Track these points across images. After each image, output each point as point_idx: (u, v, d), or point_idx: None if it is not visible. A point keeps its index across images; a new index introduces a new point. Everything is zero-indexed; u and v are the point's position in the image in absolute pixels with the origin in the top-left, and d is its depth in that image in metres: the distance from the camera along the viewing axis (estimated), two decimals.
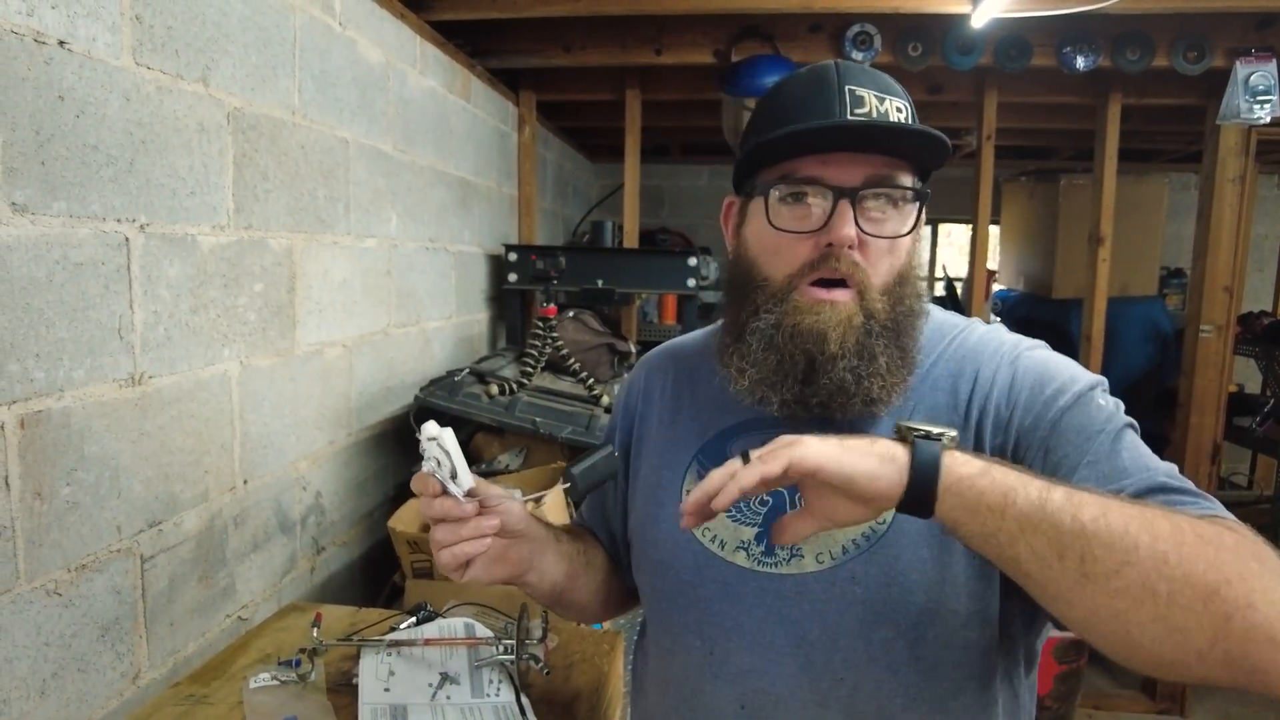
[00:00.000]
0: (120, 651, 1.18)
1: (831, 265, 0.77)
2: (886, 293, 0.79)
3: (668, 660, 0.87)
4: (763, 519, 0.82)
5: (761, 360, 0.81)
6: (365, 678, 1.13)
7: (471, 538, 0.78)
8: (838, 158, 0.77)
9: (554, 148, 4.01)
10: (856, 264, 0.78)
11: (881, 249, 0.79)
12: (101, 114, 1.11)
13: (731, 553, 0.83)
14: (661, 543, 0.88)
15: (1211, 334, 2.85)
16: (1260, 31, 2.42)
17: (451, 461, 0.77)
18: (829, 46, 2.57)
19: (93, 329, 1.11)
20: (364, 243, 1.91)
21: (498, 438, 2.00)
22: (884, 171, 0.78)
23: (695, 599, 0.83)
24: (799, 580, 0.79)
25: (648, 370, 1.03)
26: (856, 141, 0.78)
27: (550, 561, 0.89)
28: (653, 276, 2.79)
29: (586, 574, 0.97)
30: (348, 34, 1.80)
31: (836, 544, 0.79)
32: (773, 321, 0.80)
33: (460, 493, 0.78)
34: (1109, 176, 2.95)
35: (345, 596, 1.87)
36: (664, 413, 0.96)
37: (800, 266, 0.79)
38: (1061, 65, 2.52)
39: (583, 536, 1.03)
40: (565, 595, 0.95)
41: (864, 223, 0.77)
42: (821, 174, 0.78)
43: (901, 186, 0.79)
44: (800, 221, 0.79)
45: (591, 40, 2.69)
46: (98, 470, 1.13)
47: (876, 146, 0.78)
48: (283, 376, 1.60)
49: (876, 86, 0.80)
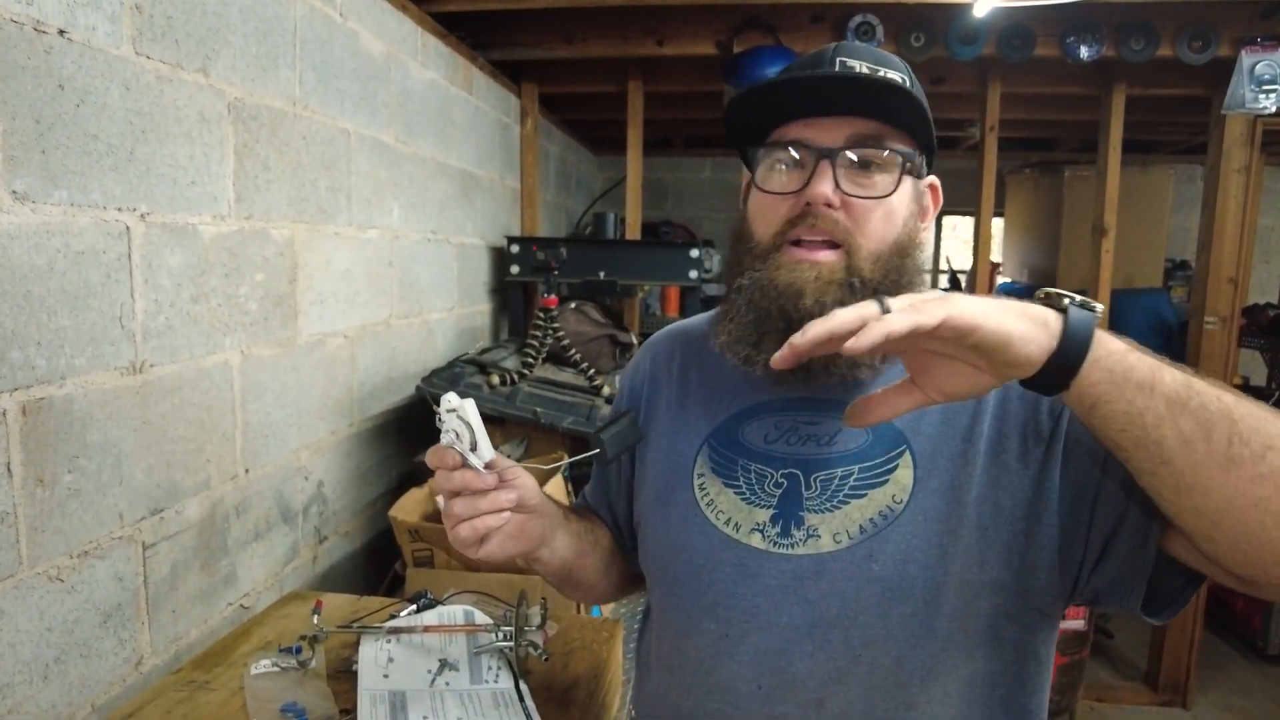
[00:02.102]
0: (123, 638, 1.19)
1: (809, 223, 0.78)
2: (878, 260, 0.79)
3: (680, 643, 0.86)
4: (777, 501, 0.82)
5: (741, 317, 0.81)
6: (365, 664, 1.14)
7: (490, 511, 0.77)
8: (822, 121, 0.79)
9: (557, 140, 4.01)
10: (838, 222, 0.78)
11: (870, 212, 0.79)
12: (102, 103, 1.11)
13: (747, 535, 0.82)
14: (674, 526, 0.87)
15: (1216, 326, 2.84)
16: (1266, 20, 2.41)
17: (473, 433, 0.76)
18: (831, 37, 2.56)
19: (94, 317, 1.12)
20: (366, 234, 1.91)
21: (499, 428, 2.00)
22: (868, 133, 0.79)
23: (710, 582, 0.83)
24: (817, 560, 0.79)
25: (653, 353, 1.02)
26: (841, 104, 0.79)
27: (561, 539, 0.89)
28: (655, 268, 2.79)
29: (594, 553, 0.97)
30: (349, 25, 1.80)
31: (854, 523, 0.79)
32: (755, 279, 0.80)
33: (480, 464, 0.77)
34: (1113, 168, 2.94)
35: (348, 585, 1.88)
36: (672, 396, 0.95)
37: (782, 225, 0.80)
38: (1065, 55, 2.50)
39: (588, 516, 1.03)
40: (574, 574, 0.95)
41: (847, 184, 0.78)
42: (804, 135, 0.79)
43: (884, 146, 0.79)
44: (783, 183, 0.81)
45: (593, 31, 2.69)
46: (100, 457, 1.14)
47: (862, 110, 0.78)
48: (284, 366, 1.60)
49: (872, 59, 0.81)
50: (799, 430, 0.85)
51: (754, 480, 0.84)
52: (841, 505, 0.80)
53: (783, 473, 0.83)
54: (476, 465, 0.77)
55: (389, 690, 1.09)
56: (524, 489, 0.81)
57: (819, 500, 0.81)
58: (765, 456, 0.85)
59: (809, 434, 0.85)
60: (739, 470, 0.86)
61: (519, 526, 0.82)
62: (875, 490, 0.80)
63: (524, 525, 0.82)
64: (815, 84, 0.78)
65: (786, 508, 0.82)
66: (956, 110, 3.31)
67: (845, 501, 0.81)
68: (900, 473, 0.80)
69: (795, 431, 0.85)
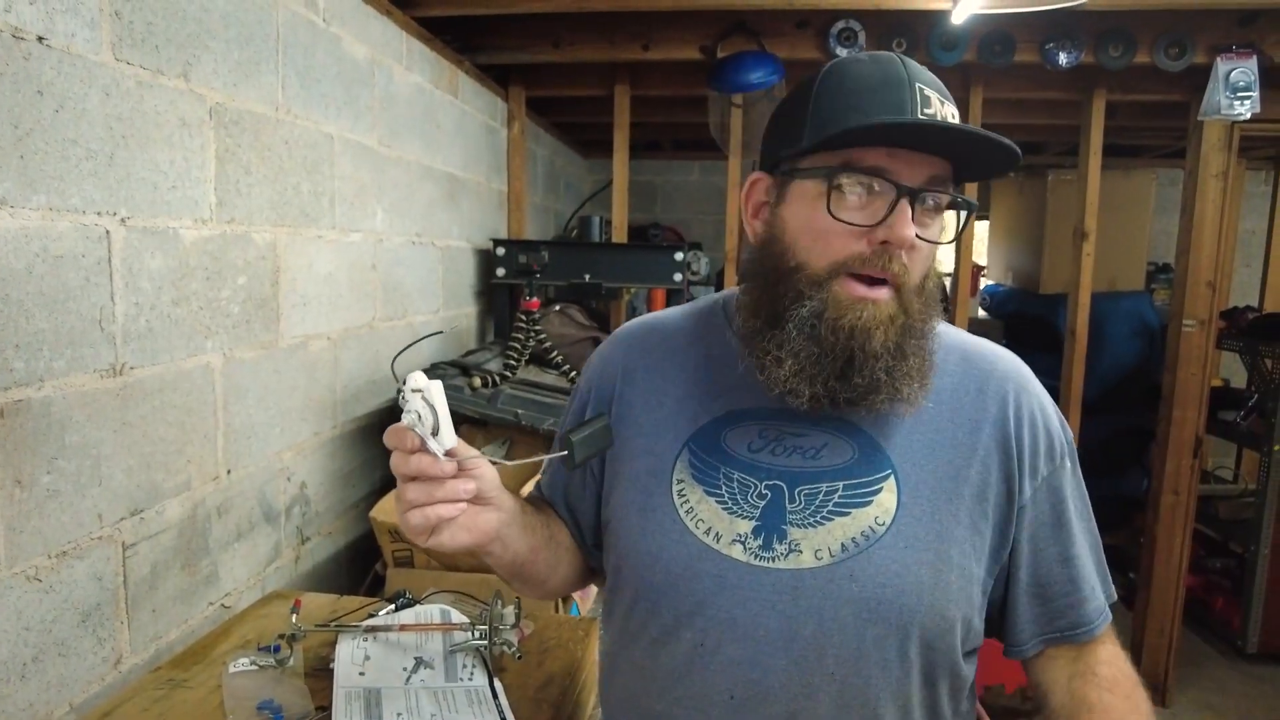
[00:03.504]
0: (101, 637, 1.21)
1: (882, 264, 0.76)
2: (919, 294, 0.80)
3: (655, 649, 0.86)
4: (760, 512, 0.82)
5: (802, 349, 0.78)
6: (341, 662, 1.16)
7: (445, 500, 0.74)
8: (904, 154, 0.76)
9: (545, 143, 4.03)
10: (905, 265, 0.77)
11: (924, 252, 0.79)
12: (81, 109, 1.13)
13: (727, 545, 0.82)
14: (650, 533, 0.85)
15: (1195, 329, 2.87)
16: (1241, 28, 2.44)
17: (436, 417, 0.71)
18: (815, 43, 2.58)
19: (73, 320, 1.13)
20: (349, 237, 1.93)
21: (481, 430, 2.02)
22: (942, 174, 0.78)
23: (688, 591, 0.82)
24: (796, 575, 0.79)
25: (626, 346, 0.98)
26: (923, 141, 0.77)
27: (516, 534, 0.86)
28: (639, 271, 2.81)
29: (549, 549, 0.94)
30: (332, 30, 1.81)
31: (835, 541, 0.80)
32: (815, 310, 0.78)
33: (440, 451, 0.72)
34: (1094, 172, 2.97)
35: (330, 585, 1.89)
36: (648, 394, 0.92)
37: (848, 258, 0.77)
38: (1045, 61, 2.53)
39: (545, 511, 1.00)
40: (525, 570, 0.92)
41: (918, 227, 0.77)
42: (889, 167, 0.76)
43: (953, 193, 0.80)
44: (858, 213, 0.77)
45: (580, 35, 2.71)
46: (79, 459, 1.15)
47: (937, 148, 0.77)
48: (266, 368, 1.62)
49: (938, 89, 0.79)
50: (785, 441, 0.84)
51: (736, 490, 0.84)
52: (825, 521, 0.80)
53: (767, 484, 0.83)
54: (436, 451, 0.72)
55: (364, 688, 1.10)
56: (484, 480, 0.77)
57: (803, 514, 0.81)
58: (749, 466, 0.84)
59: (795, 445, 0.84)
60: (721, 478, 0.84)
61: (473, 519, 0.78)
62: (859, 510, 0.81)
63: (478, 518, 0.78)
64: (936, 134, 0.76)
65: (769, 520, 0.81)
66: None
67: (829, 518, 0.81)
68: (884, 495, 0.81)
69: (781, 442, 0.84)
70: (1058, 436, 0.87)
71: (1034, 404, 0.87)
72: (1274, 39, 2.43)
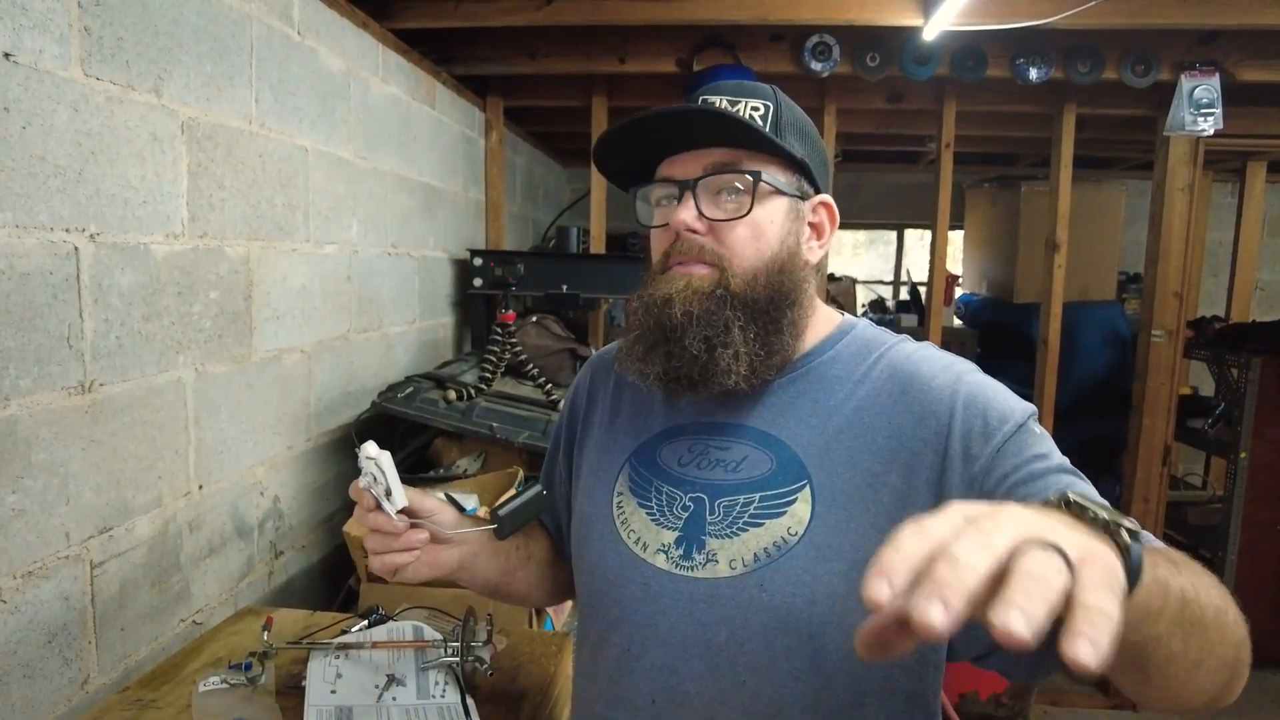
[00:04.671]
0: (68, 657, 1.19)
1: (680, 249, 0.84)
2: (754, 276, 0.83)
3: (594, 654, 0.92)
4: (683, 524, 0.86)
5: (629, 334, 0.88)
6: (313, 680, 1.15)
7: (401, 550, 0.85)
8: (683, 155, 0.85)
9: (523, 152, 4.03)
10: (704, 246, 0.83)
11: (733, 232, 0.83)
12: (49, 124, 1.12)
13: (653, 555, 0.86)
14: (593, 543, 0.92)
15: (1163, 339, 2.93)
16: (1204, 46, 2.50)
17: (387, 481, 0.82)
18: (789, 56, 2.61)
19: (40, 338, 1.12)
20: (324, 249, 1.92)
21: (456, 442, 2.02)
22: (724, 160, 0.84)
23: (618, 598, 0.88)
24: (711, 584, 0.82)
25: (593, 370, 1.06)
26: (698, 138, 0.84)
27: (483, 561, 0.95)
28: (616, 282, 2.82)
29: (525, 568, 1.02)
30: (307, 43, 1.81)
31: (749, 551, 0.82)
32: (639, 297, 0.88)
33: (393, 510, 0.84)
34: (1064, 184, 3.02)
35: (304, 600, 1.88)
36: (605, 414, 1.00)
37: (662, 254, 0.87)
38: (1016, 76, 2.58)
39: (527, 532, 1.05)
40: (501, 589, 1.01)
41: (709, 209, 0.83)
42: (669, 172, 0.86)
43: (735, 171, 0.83)
44: (658, 218, 0.89)
45: (556, 49, 2.72)
46: (45, 478, 1.14)
47: (720, 140, 0.84)
48: (239, 383, 1.61)
49: (732, 93, 0.85)
50: (709, 454, 0.88)
51: (665, 502, 0.88)
52: (740, 533, 0.83)
53: (690, 496, 0.87)
54: (389, 511, 0.84)
55: (336, 706, 1.10)
56: (439, 524, 0.88)
57: (720, 525, 0.84)
58: (677, 479, 0.88)
59: (718, 459, 0.87)
60: (652, 491, 0.89)
61: (433, 557, 0.88)
62: (772, 521, 0.82)
63: (438, 556, 0.89)
64: (659, 122, 0.83)
65: (690, 531, 0.85)
66: (915, 127, 3.39)
67: (744, 529, 0.83)
68: (798, 506, 0.81)
69: (706, 455, 0.88)
70: (996, 410, 0.78)
71: (965, 390, 0.80)
72: (1235, 57, 2.50)
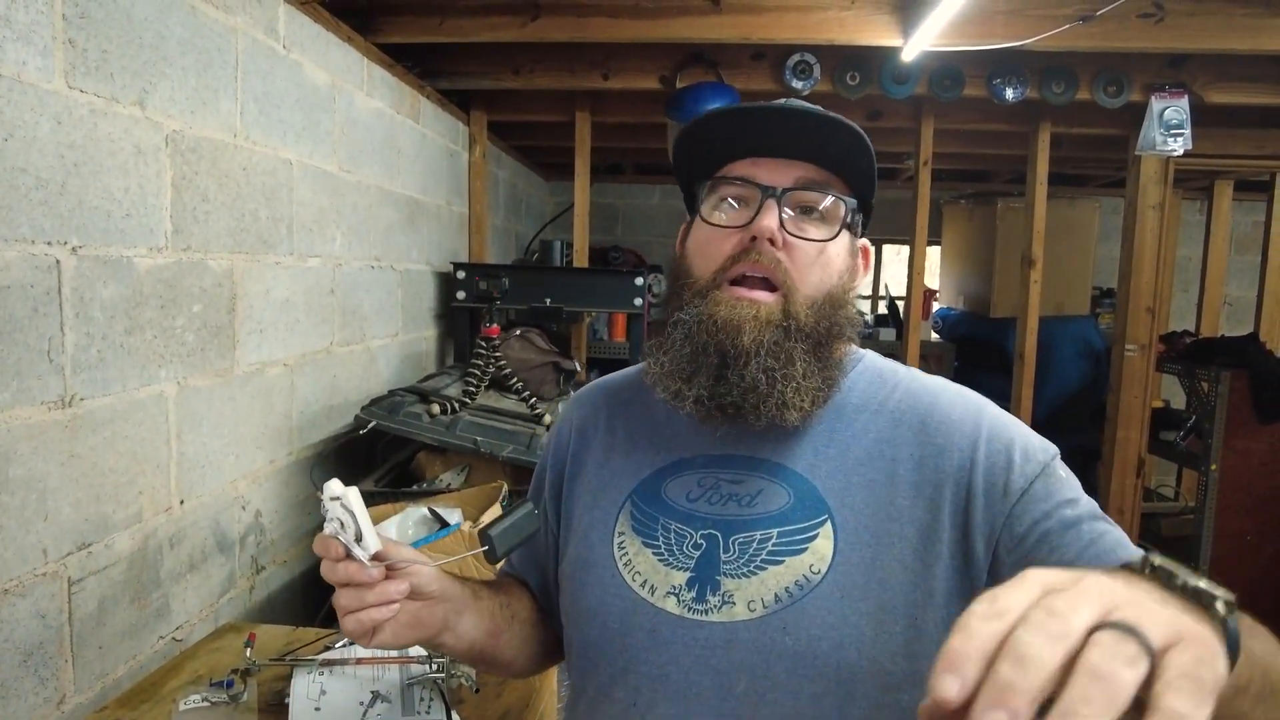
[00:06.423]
0: (44, 676, 1.17)
1: (753, 259, 0.78)
2: (813, 306, 0.79)
3: (592, 710, 0.83)
4: (695, 563, 0.79)
5: (677, 351, 0.80)
6: (297, 697, 1.14)
7: (377, 604, 0.72)
8: (770, 161, 0.80)
9: (507, 166, 4.04)
10: (779, 262, 0.78)
11: (809, 257, 0.79)
12: (31, 136, 1.11)
13: (661, 598, 0.78)
14: (591, 587, 0.83)
15: (1136, 353, 2.98)
16: (1173, 69, 2.57)
17: (356, 523, 0.71)
18: (771, 74, 2.65)
19: (20, 351, 1.11)
20: (307, 262, 1.92)
21: (440, 456, 2.01)
22: (815, 178, 0.80)
23: (622, 647, 0.79)
24: (729, 628, 0.75)
25: (580, 407, 0.98)
26: (789, 146, 0.80)
27: (468, 621, 0.82)
28: (600, 295, 2.83)
29: (511, 629, 0.90)
30: (292, 57, 1.81)
31: (769, 592, 0.75)
32: (694, 314, 0.79)
33: (365, 556, 0.71)
34: (1039, 201, 3.08)
35: (286, 615, 1.86)
36: (599, 450, 0.91)
37: (724, 261, 0.80)
38: (992, 95, 2.64)
39: (508, 589, 0.95)
40: (486, 653, 0.88)
41: (790, 225, 0.79)
42: (751, 173, 0.80)
43: (829, 193, 0.80)
44: (729, 218, 0.81)
45: (540, 64, 2.74)
46: (23, 493, 1.13)
47: (810, 155, 0.80)
48: (222, 396, 1.60)
49: (820, 110, 0.80)
50: (720, 489, 0.82)
51: (673, 540, 0.81)
52: (758, 571, 0.77)
53: (702, 533, 0.80)
54: (361, 558, 0.71)
55: None
56: (419, 575, 0.75)
57: (736, 564, 0.77)
58: (686, 516, 0.81)
59: (731, 493, 0.81)
60: (659, 530, 0.82)
61: (414, 615, 0.76)
62: (793, 558, 0.76)
63: (419, 613, 0.76)
64: (767, 117, 0.78)
65: (703, 571, 0.78)
66: (893, 144, 3.44)
67: (762, 567, 0.77)
68: (820, 542, 0.76)
69: (717, 490, 0.82)
70: (1021, 449, 0.76)
71: (988, 424, 0.79)
72: (1203, 80, 2.57)
